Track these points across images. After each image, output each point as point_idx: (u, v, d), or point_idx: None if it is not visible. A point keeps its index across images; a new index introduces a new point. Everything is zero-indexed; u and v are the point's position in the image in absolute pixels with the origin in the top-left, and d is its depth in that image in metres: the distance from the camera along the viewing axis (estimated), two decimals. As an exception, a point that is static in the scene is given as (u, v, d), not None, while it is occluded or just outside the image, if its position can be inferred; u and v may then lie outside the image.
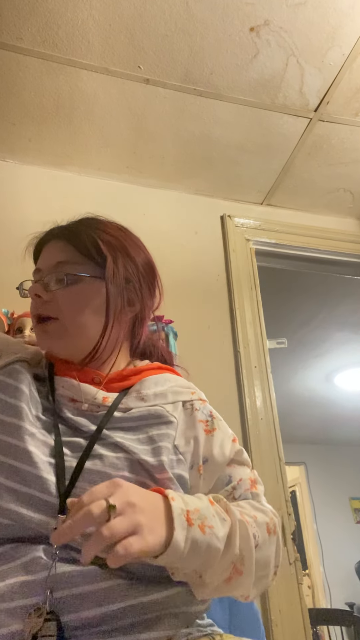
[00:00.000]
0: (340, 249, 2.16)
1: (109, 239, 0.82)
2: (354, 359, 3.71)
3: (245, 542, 0.63)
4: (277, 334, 2.23)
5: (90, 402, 0.76)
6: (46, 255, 0.84)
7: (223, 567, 0.62)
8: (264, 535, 0.67)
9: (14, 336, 1.42)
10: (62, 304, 0.78)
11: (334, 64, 1.60)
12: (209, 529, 0.59)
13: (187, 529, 0.57)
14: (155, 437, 0.73)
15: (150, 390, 0.79)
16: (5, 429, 0.69)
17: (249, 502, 0.73)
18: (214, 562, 0.60)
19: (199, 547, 0.58)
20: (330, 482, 5.32)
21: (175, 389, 0.82)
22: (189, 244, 1.96)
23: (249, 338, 1.82)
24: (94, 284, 0.79)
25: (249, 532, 0.64)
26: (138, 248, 0.88)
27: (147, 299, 0.87)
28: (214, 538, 0.59)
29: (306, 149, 1.91)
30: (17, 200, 1.82)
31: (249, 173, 2.01)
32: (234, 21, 1.47)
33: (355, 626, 3.20)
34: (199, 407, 0.82)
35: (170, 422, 0.76)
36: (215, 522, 0.61)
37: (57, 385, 0.78)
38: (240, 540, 0.63)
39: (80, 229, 0.83)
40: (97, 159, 1.91)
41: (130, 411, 0.76)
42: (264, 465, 1.61)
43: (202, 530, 0.58)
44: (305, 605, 1.48)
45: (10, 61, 1.54)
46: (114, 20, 1.45)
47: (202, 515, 0.60)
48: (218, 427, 0.80)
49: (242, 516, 0.65)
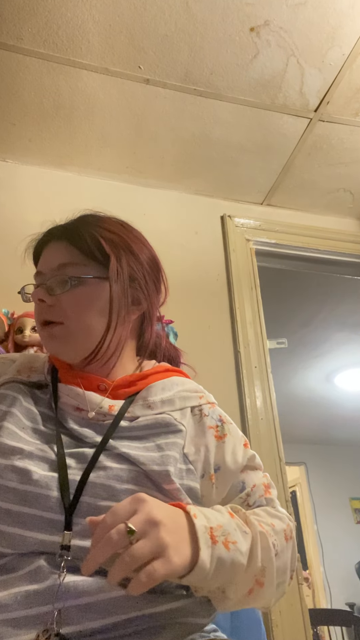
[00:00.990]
0: (340, 249, 2.16)
1: (112, 237, 0.80)
2: (354, 359, 3.70)
3: (266, 553, 0.62)
4: (277, 334, 2.23)
5: (96, 411, 0.73)
6: (47, 257, 0.81)
7: (246, 580, 0.61)
8: (282, 543, 0.66)
9: (14, 336, 1.42)
10: (67, 308, 0.75)
11: (334, 64, 1.60)
12: (233, 544, 0.58)
13: (211, 547, 0.56)
14: (163, 445, 0.70)
15: (158, 397, 0.77)
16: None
17: (264, 509, 0.72)
18: (238, 577, 0.59)
19: (224, 564, 0.57)
20: (331, 482, 5.32)
21: (183, 394, 0.80)
22: (189, 244, 1.96)
23: (249, 338, 1.82)
24: (99, 284, 0.77)
25: (269, 543, 0.63)
26: (141, 244, 0.85)
27: (154, 296, 0.84)
28: (237, 554, 0.58)
29: (306, 149, 1.91)
30: (17, 201, 1.82)
31: (249, 173, 2.01)
32: (234, 21, 1.47)
33: (356, 626, 3.20)
34: (208, 412, 0.80)
35: (179, 430, 0.73)
36: (238, 537, 0.60)
37: (61, 394, 0.76)
38: (262, 552, 0.62)
39: (81, 228, 0.80)
40: (97, 159, 1.91)
41: (137, 420, 0.73)
42: (264, 466, 1.60)
43: (226, 547, 0.57)
44: (306, 606, 1.48)
45: (10, 61, 1.54)
46: (114, 21, 1.45)
47: (225, 531, 0.59)
48: (229, 433, 0.79)
49: (261, 526, 0.64)
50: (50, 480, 0.63)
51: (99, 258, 0.78)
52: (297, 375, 3.93)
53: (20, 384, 0.77)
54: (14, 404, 0.73)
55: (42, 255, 0.83)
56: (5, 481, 0.62)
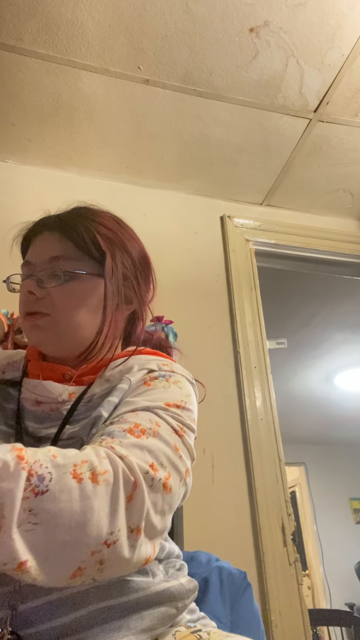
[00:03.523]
0: (339, 249, 2.16)
1: (107, 233, 0.77)
2: (353, 359, 3.71)
3: (7, 486, 0.47)
4: (277, 335, 2.23)
5: (56, 401, 0.71)
6: (38, 247, 0.78)
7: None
8: (63, 480, 0.50)
9: (14, 337, 1.42)
10: (56, 302, 0.73)
11: (333, 64, 1.60)
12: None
13: None
14: (104, 404, 0.66)
15: (116, 370, 0.73)
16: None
17: (87, 446, 0.58)
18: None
19: None
20: (330, 482, 5.32)
21: (143, 361, 0.74)
22: (188, 245, 1.96)
23: (249, 338, 1.82)
24: (91, 281, 0.75)
25: (16, 473, 0.48)
26: (133, 241, 0.83)
27: (144, 294, 0.82)
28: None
29: (306, 149, 1.91)
30: (16, 201, 1.82)
31: (248, 173, 2.01)
32: (233, 22, 1.47)
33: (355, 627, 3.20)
34: (161, 373, 0.71)
35: (120, 387, 0.68)
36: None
37: (23, 389, 0.74)
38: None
39: (76, 221, 0.77)
40: (97, 159, 1.91)
41: (93, 397, 0.70)
42: (264, 466, 1.61)
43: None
44: (305, 606, 1.48)
45: (10, 61, 1.54)
46: (114, 21, 1.45)
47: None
48: (164, 387, 0.68)
49: (13, 452, 0.49)
50: None
51: (94, 254, 0.76)
52: (297, 375, 3.93)
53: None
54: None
55: (32, 244, 0.79)
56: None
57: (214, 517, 1.47)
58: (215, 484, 1.54)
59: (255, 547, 1.49)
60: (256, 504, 1.54)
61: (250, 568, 1.45)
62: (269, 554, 1.48)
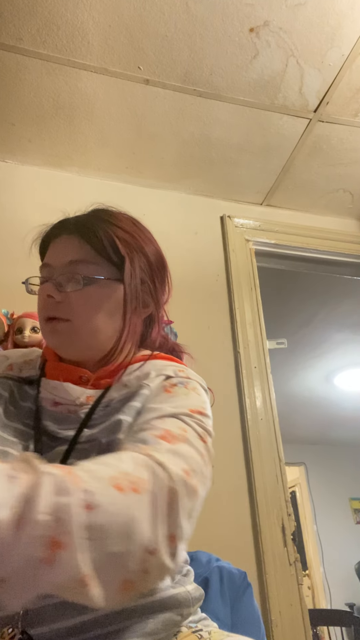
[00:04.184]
0: (339, 249, 2.16)
1: (125, 237, 0.78)
2: (353, 359, 3.71)
3: (64, 501, 0.46)
4: (277, 334, 2.23)
5: (75, 403, 0.72)
6: (57, 250, 0.78)
7: (23, 544, 0.43)
8: (108, 492, 0.49)
9: (14, 337, 1.42)
10: (75, 306, 0.73)
11: (333, 64, 1.60)
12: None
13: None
14: (125, 410, 0.67)
15: (133, 375, 0.73)
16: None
17: (120, 453, 0.57)
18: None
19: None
20: (330, 482, 5.32)
21: (160, 367, 0.74)
22: (188, 245, 1.96)
23: (249, 338, 1.82)
24: (110, 285, 0.75)
25: (69, 488, 0.46)
26: (150, 243, 0.83)
27: (160, 297, 0.82)
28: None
29: (306, 149, 1.91)
30: (16, 201, 1.82)
31: (248, 173, 2.01)
32: (233, 22, 1.47)
33: (355, 627, 3.20)
34: (179, 380, 0.72)
35: (142, 393, 0.69)
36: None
37: (42, 388, 0.75)
38: (53, 500, 0.45)
39: (95, 225, 0.77)
40: (97, 159, 1.91)
41: (112, 402, 0.71)
42: (264, 466, 1.61)
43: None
44: (306, 606, 1.48)
45: (10, 61, 1.54)
46: (114, 21, 1.45)
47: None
48: (185, 394, 0.69)
49: (60, 469, 0.49)
50: None
51: (113, 258, 0.76)
52: (297, 375, 3.93)
53: (9, 380, 0.76)
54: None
55: (51, 247, 0.79)
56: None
57: (214, 517, 1.47)
58: (216, 483, 1.53)
59: (255, 547, 1.49)
60: (256, 503, 1.54)
61: (250, 568, 1.45)
62: (269, 553, 1.48)
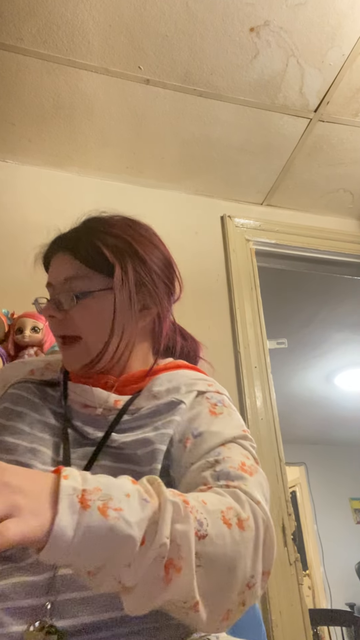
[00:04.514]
0: (340, 249, 2.16)
1: (116, 243, 0.78)
2: (354, 359, 3.71)
3: (181, 529, 0.49)
4: (277, 334, 2.23)
5: (103, 407, 0.74)
6: (54, 269, 0.80)
7: (148, 562, 0.47)
8: (217, 525, 0.51)
9: (14, 336, 1.42)
10: (77, 321, 0.76)
11: (333, 64, 1.60)
12: (115, 511, 0.47)
13: (78, 512, 0.46)
14: (160, 426, 0.69)
15: (163, 387, 0.75)
16: (3, 448, 0.68)
17: (215, 489, 0.58)
18: (129, 555, 0.46)
19: (97, 534, 0.45)
20: (331, 482, 5.32)
21: (190, 382, 0.77)
22: (189, 244, 1.96)
23: (249, 338, 1.82)
24: (106, 295, 0.76)
25: (187, 516, 0.49)
26: (150, 245, 0.83)
27: (164, 298, 0.82)
28: (121, 522, 0.46)
29: (306, 149, 1.91)
30: (16, 201, 1.82)
31: (249, 173, 2.01)
32: (234, 21, 1.47)
33: (356, 626, 3.20)
34: (212, 396, 0.75)
35: (179, 408, 0.71)
36: (125, 504, 0.48)
37: (70, 391, 0.77)
38: (174, 526, 0.48)
39: (83, 238, 0.79)
40: (97, 159, 1.91)
41: (140, 411, 0.73)
42: (264, 466, 1.60)
43: (103, 513, 0.46)
44: (306, 606, 1.48)
45: (10, 61, 1.54)
46: (114, 21, 1.45)
47: (106, 495, 0.48)
48: (227, 414, 0.73)
49: (179, 497, 0.51)
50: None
51: (103, 269, 0.76)
52: (297, 375, 3.93)
53: (30, 384, 0.78)
54: (22, 403, 0.74)
55: (51, 265, 0.82)
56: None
57: (214, 517, 1.47)
58: (216, 483, 1.54)
59: (255, 547, 1.49)
60: (256, 503, 1.54)
61: (250, 568, 1.45)
62: (269, 553, 1.48)
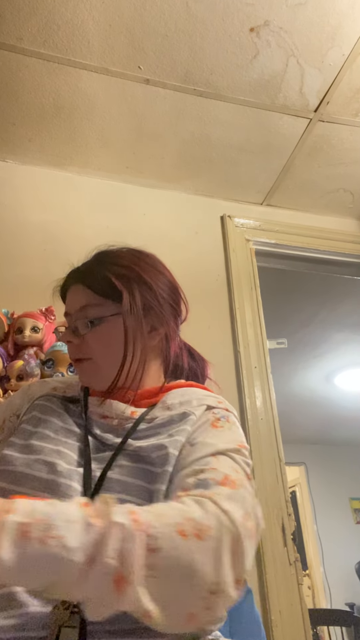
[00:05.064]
0: (340, 249, 2.16)
1: (123, 272, 0.86)
2: (354, 359, 3.71)
3: (129, 546, 0.54)
4: (277, 334, 2.23)
5: (120, 417, 0.80)
6: (70, 299, 0.89)
7: (94, 580, 0.52)
8: (171, 537, 0.56)
9: (14, 336, 1.42)
10: (92, 346, 0.84)
11: (334, 64, 1.60)
12: (55, 539, 0.53)
13: (15, 542, 0.52)
14: (174, 433, 0.74)
15: (176, 400, 0.82)
16: (30, 449, 0.74)
17: (185, 499, 0.62)
18: (72, 576, 0.52)
19: (37, 561, 0.52)
20: (330, 482, 5.32)
21: (201, 397, 0.83)
22: (189, 244, 1.96)
23: (249, 338, 1.82)
24: (117, 320, 0.83)
25: (134, 534, 0.54)
26: (156, 271, 0.91)
27: (171, 319, 0.90)
28: (59, 549, 0.52)
29: (306, 149, 1.91)
30: (17, 201, 1.82)
31: (249, 173, 2.01)
32: (234, 21, 1.47)
33: (356, 627, 3.20)
34: (219, 411, 0.81)
35: (189, 419, 0.76)
36: (67, 531, 0.53)
37: (90, 404, 0.84)
38: (122, 545, 0.54)
39: (93, 269, 0.88)
40: (97, 159, 1.91)
41: (155, 420, 0.79)
42: (264, 466, 1.61)
43: (42, 542, 0.52)
44: (306, 606, 1.48)
45: (10, 61, 1.54)
46: (114, 21, 1.45)
47: (49, 525, 0.53)
48: (228, 428, 0.77)
49: (129, 515, 0.56)
50: (73, 473, 0.71)
51: (114, 296, 0.84)
52: (297, 375, 3.93)
53: (54, 398, 0.86)
54: (49, 412, 0.82)
55: (67, 296, 0.90)
56: (34, 471, 0.70)
57: (214, 517, 1.47)
58: (216, 483, 1.54)
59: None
60: (256, 503, 1.54)
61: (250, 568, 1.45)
62: (269, 553, 1.48)
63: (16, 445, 0.76)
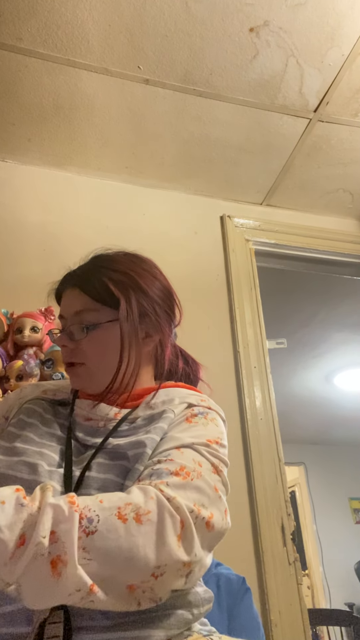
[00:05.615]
0: (339, 249, 2.16)
1: (120, 278, 0.85)
2: (353, 359, 3.71)
3: (65, 527, 0.54)
4: (277, 334, 2.23)
5: (105, 419, 0.81)
6: (65, 304, 0.88)
7: (26, 559, 0.52)
8: (110, 521, 0.56)
9: (13, 336, 1.42)
10: (86, 351, 0.84)
11: (333, 64, 1.60)
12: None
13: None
14: (151, 430, 0.74)
15: (159, 399, 0.82)
16: (13, 451, 0.75)
17: (132, 488, 0.64)
18: (2, 556, 0.52)
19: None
20: (330, 482, 5.32)
21: (184, 395, 0.83)
22: (188, 244, 1.96)
23: (249, 338, 1.82)
24: (113, 326, 0.83)
25: (72, 516, 0.55)
26: (152, 277, 0.90)
27: (165, 325, 0.89)
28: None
29: (306, 149, 1.91)
30: (16, 201, 1.82)
31: (248, 173, 2.01)
32: (233, 21, 1.47)
33: (355, 626, 3.20)
34: (199, 409, 0.80)
35: (167, 417, 0.76)
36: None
37: (76, 407, 0.85)
38: (58, 526, 0.54)
39: (90, 274, 0.87)
40: (97, 159, 1.91)
41: (137, 420, 0.79)
42: (264, 466, 1.61)
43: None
44: (305, 606, 1.48)
45: (10, 61, 1.54)
46: (114, 21, 1.45)
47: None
48: (203, 424, 0.77)
49: (65, 499, 0.57)
50: (54, 473, 0.72)
51: (109, 302, 0.84)
52: (297, 375, 3.93)
53: (43, 401, 0.86)
54: (35, 416, 0.82)
55: (62, 300, 0.90)
56: (16, 472, 0.71)
57: (214, 517, 1.47)
58: (215, 483, 1.54)
59: (254, 547, 1.49)
60: (256, 503, 1.54)
61: (249, 568, 1.45)
62: (268, 553, 1.48)
63: (1, 447, 0.76)
